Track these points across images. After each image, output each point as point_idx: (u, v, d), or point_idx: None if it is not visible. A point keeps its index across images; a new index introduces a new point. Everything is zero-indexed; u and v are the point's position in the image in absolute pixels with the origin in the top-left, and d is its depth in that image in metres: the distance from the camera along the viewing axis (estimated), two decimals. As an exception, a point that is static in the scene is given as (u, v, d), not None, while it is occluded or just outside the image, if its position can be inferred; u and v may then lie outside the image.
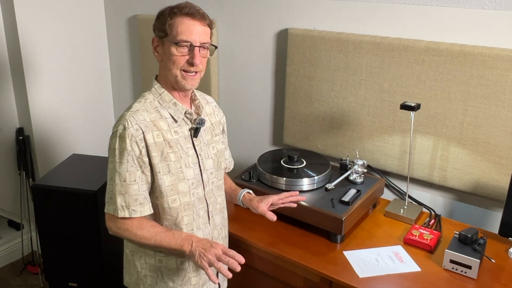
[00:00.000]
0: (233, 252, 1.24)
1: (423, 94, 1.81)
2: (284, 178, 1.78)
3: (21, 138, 2.72)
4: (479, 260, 1.45)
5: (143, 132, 1.31)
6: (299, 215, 1.71)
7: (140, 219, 1.35)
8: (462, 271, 1.48)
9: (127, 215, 1.32)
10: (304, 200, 1.62)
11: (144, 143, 1.32)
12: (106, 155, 1.43)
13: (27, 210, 2.86)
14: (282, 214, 1.76)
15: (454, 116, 1.77)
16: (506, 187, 1.61)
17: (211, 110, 1.54)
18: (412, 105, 1.70)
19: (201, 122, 1.42)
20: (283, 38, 2.19)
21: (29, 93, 2.64)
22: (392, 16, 1.86)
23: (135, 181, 1.32)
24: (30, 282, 2.78)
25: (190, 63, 1.33)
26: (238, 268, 1.22)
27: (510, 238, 1.62)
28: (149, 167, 1.34)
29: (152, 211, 1.37)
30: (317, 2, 2.04)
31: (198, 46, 1.33)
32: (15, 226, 3.03)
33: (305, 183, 1.78)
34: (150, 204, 1.37)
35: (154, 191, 1.37)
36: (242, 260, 1.23)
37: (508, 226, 1.60)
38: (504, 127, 1.68)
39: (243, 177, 1.88)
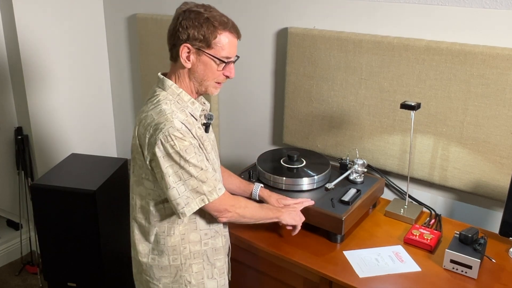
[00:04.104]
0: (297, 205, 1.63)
1: (423, 93, 1.81)
2: (284, 178, 1.77)
3: (20, 137, 2.71)
4: (479, 260, 1.45)
5: (188, 129, 1.35)
6: (299, 214, 1.70)
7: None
8: (462, 271, 1.48)
9: (216, 197, 1.37)
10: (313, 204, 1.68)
11: (193, 136, 1.36)
12: (105, 155, 1.42)
13: (26, 209, 2.86)
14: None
15: (455, 115, 1.76)
16: (507, 186, 1.61)
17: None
18: (412, 104, 1.69)
19: (211, 118, 1.49)
20: (283, 37, 2.18)
21: (27, 92, 2.64)
22: (392, 15, 1.85)
23: (206, 166, 1.36)
24: (29, 282, 2.78)
25: (227, 76, 1.41)
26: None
27: (510, 238, 1.61)
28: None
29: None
30: (317, 1, 2.03)
31: (234, 61, 1.41)
32: (14, 225, 3.02)
33: (305, 183, 1.77)
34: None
35: None
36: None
37: (509, 226, 1.59)
38: (504, 126, 1.67)
39: (242, 176, 1.87)
